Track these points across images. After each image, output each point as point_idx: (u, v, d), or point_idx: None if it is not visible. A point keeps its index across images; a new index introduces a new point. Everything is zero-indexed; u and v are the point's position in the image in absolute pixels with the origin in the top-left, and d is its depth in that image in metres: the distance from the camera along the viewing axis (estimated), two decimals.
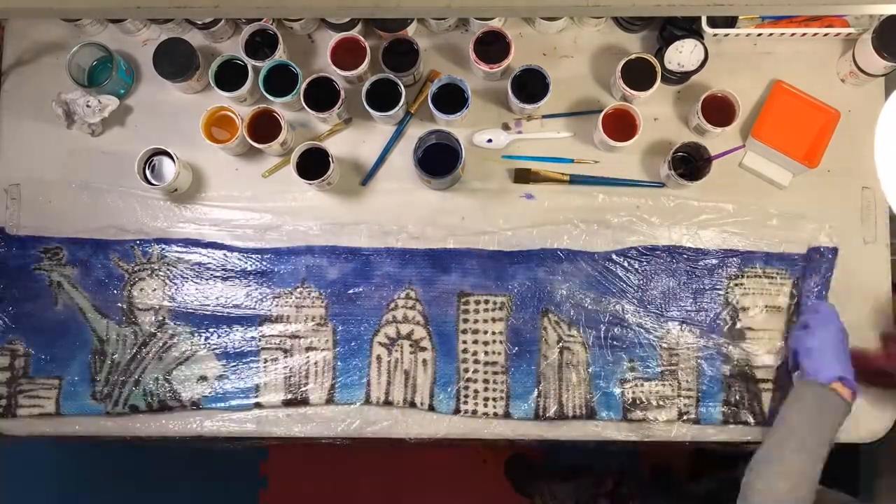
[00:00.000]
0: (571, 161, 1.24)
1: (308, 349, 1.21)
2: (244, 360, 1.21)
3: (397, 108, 1.18)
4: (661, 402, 1.18)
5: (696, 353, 1.19)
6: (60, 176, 1.25)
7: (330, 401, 1.20)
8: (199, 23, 1.22)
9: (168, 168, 1.20)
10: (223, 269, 1.23)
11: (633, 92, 1.17)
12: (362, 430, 1.20)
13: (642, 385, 1.19)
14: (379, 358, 1.21)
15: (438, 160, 1.18)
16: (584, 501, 1.66)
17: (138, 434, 1.21)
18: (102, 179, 1.25)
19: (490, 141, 1.24)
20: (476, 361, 1.20)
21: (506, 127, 1.25)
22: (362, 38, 1.20)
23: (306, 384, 1.20)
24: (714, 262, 1.21)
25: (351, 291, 1.22)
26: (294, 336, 1.21)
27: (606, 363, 1.19)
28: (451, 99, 1.18)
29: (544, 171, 1.23)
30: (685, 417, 1.18)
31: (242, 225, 1.24)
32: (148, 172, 1.20)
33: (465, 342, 1.21)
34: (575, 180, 1.23)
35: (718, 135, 1.20)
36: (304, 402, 1.20)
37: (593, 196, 1.23)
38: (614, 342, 1.20)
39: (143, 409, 1.20)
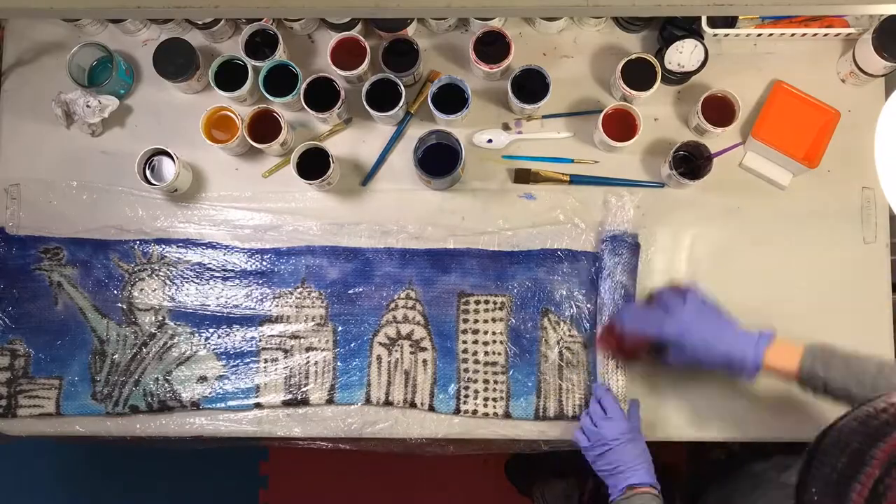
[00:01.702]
0: (571, 161, 1.24)
1: (308, 349, 1.21)
2: (244, 361, 1.21)
3: (397, 108, 1.18)
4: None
5: None
6: (60, 176, 1.25)
7: (330, 401, 1.20)
8: (199, 23, 1.22)
9: (168, 168, 1.20)
10: (223, 269, 1.23)
11: (633, 92, 1.17)
12: (362, 430, 1.20)
13: None
14: (379, 358, 1.21)
15: (438, 160, 1.18)
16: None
17: (138, 434, 1.21)
18: (102, 179, 1.25)
19: (490, 141, 1.24)
20: (476, 361, 1.20)
21: (506, 127, 1.25)
22: (362, 38, 1.20)
23: (306, 384, 1.20)
24: None
25: (351, 291, 1.22)
26: (294, 336, 1.21)
27: None
28: (451, 99, 1.18)
29: (544, 171, 1.23)
30: None
31: (242, 225, 1.24)
32: (148, 172, 1.20)
33: (465, 342, 1.20)
34: (575, 180, 1.23)
35: (719, 135, 1.20)
36: (304, 402, 1.20)
37: (593, 196, 1.23)
38: None
39: (143, 410, 1.20)
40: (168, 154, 1.19)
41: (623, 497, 1.03)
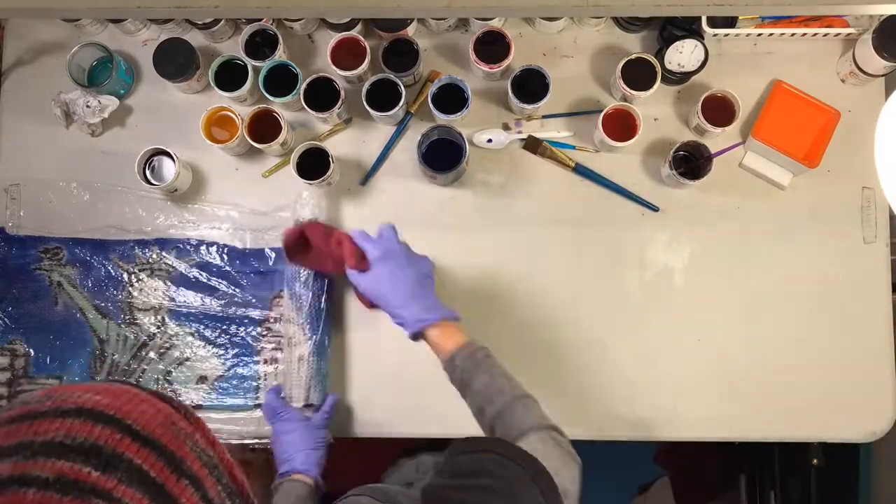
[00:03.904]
0: (573, 148, 1.24)
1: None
2: (244, 361, 1.21)
3: (397, 108, 1.18)
4: None
5: None
6: (60, 176, 1.25)
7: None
8: (199, 23, 1.22)
9: (168, 168, 1.20)
10: (223, 269, 1.23)
11: (633, 92, 1.17)
12: (363, 430, 1.20)
13: None
14: None
15: (441, 156, 1.18)
16: None
17: None
18: (102, 179, 1.24)
19: (490, 141, 1.24)
20: None
21: (506, 127, 1.25)
22: (362, 38, 1.19)
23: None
24: None
25: None
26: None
27: None
28: (451, 99, 1.18)
29: (553, 149, 1.23)
30: None
31: (242, 225, 1.24)
32: (148, 172, 1.20)
33: None
34: (579, 170, 1.22)
35: (719, 135, 1.20)
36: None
37: (594, 197, 1.23)
38: None
39: None
40: (168, 154, 1.19)
41: (275, 483, 1.06)
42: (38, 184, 1.25)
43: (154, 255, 1.23)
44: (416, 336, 1.00)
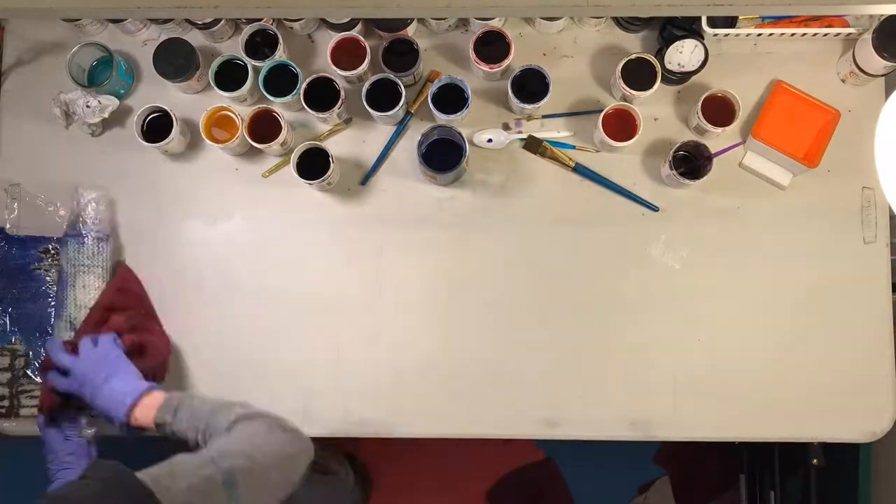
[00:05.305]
0: (573, 147, 1.24)
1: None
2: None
3: (397, 108, 1.18)
4: None
5: None
6: (60, 176, 1.25)
7: None
8: (199, 23, 1.22)
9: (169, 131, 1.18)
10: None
11: (633, 92, 1.17)
12: (364, 430, 1.20)
13: None
14: None
15: (441, 156, 1.18)
16: None
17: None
18: (102, 179, 1.24)
19: (490, 141, 1.24)
20: None
21: (506, 127, 1.25)
22: (362, 38, 1.20)
23: None
24: None
25: None
26: None
27: None
28: (452, 99, 1.18)
29: (553, 149, 1.23)
30: None
31: (243, 225, 1.24)
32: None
33: None
34: (579, 170, 1.22)
35: (719, 135, 1.20)
36: None
37: (594, 197, 1.23)
38: None
39: None
40: (168, 116, 1.18)
41: None
42: (38, 184, 1.25)
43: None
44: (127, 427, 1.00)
